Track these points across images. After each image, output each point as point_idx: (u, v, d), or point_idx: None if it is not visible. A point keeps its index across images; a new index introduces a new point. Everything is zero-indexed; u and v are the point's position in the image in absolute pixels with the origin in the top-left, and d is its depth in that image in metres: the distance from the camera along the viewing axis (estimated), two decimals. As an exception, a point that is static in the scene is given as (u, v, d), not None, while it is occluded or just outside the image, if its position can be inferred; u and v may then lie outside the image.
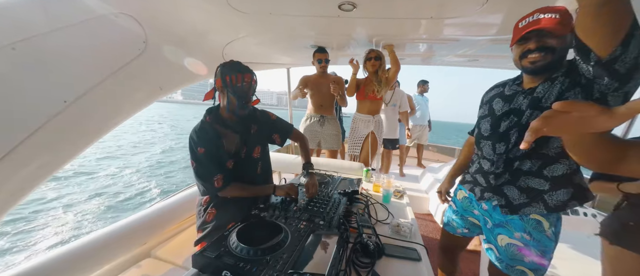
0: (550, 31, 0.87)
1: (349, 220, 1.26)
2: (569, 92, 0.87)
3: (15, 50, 0.85)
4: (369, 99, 2.60)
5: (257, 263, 0.81)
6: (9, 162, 0.89)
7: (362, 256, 0.99)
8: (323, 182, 1.71)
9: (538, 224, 1.01)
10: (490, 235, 1.15)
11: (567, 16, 0.86)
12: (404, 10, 1.37)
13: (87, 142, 1.20)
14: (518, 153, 1.01)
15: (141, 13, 1.22)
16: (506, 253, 1.07)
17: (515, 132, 1.01)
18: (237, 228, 0.99)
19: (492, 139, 1.09)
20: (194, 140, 1.19)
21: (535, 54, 0.91)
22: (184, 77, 1.73)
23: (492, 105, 1.14)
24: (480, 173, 1.17)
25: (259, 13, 1.39)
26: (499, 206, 1.08)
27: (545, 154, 0.97)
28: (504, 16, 1.39)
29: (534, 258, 1.02)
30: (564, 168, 0.96)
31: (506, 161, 1.05)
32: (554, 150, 0.95)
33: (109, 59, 1.18)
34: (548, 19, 0.86)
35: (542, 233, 1.01)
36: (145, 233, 1.54)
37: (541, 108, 0.94)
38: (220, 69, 1.21)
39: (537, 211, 1.00)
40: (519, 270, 1.05)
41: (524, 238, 1.03)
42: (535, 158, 0.99)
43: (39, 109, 0.96)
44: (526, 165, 1.01)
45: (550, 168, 0.97)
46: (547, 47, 0.89)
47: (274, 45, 2.15)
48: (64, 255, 1.18)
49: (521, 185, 1.03)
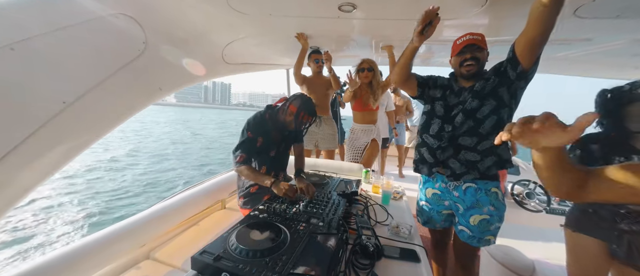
0: (479, 45, 1.25)
1: (348, 221, 1.26)
2: (499, 88, 1.24)
3: (14, 51, 0.85)
4: (367, 110, 2.61)
5: (256, 265, 0.80)
6: (9, 163, 0.89)
7: (361, 258, 0.99)
8: (322, 183, 1.71)
9: (497, 195, 1.31)
10: (463, 219, 1.36)
11: (484, 39, 1.27)
12: (404, 11, 1.38)
13: (86, 142, 1.20)
14: (460, 132, 1.30)
15: (141, 14, 1.21)
16: (478, 229, 1.31)
17: (460, 116, 1.30)
18: (236, 230, 0.98)
19: (443, 120, 1.36)
20: (250, 125, 1.52)
21: (470, 62, 1.26)
22: (184, 77, 1.73)
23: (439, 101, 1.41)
24: (427, 151, 1.42)
25: (258, 14, 1.39)
26: (446, 176, 1.36)
27: (480, 133, 1.27)
28: (504, 17, 1.39)
29: (496, 225, 1.31)
30: (490, 143, 1.25)
31: (451, 138, 1.33)
32: (485, 129, 1.26)
33: (108, 60, 1.17)
34: (477, 39, 1.25)
35: (500, 202, 1.31)
36: (144, 235, 1.54)
37: (480, 97, 1.26)
38: (301, 101, 1.50)
39: (473, 177, 1.30)
40: (487, 240, 1.33)
41: (490, 210, 1.29)
42: (473, 136, 1.28)
43: (38, 110, 0.95)
44: (466, 141, 1.30)
45: (482, 143, 1.27)
46: (476, 57, 1.26)
47: (274, 46, 2.16)
48: (62, 257, 1.18)
49: (461, 158, 1.31)
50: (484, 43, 1.27)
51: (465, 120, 1.28)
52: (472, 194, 1.32)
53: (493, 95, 1.24)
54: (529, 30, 1.05)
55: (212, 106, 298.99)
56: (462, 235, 1.37)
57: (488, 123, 1.25)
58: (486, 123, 1.26)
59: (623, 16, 1.24)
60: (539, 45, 1.07)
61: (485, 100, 1.25)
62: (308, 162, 2.33)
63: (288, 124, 1.52)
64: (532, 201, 2.50)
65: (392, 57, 2.29)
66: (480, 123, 1.26)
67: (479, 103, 1.26)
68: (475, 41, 1.25)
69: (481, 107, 1.26)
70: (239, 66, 2.27)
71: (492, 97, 1.24)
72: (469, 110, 1.27)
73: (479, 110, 1.26)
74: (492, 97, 1.24)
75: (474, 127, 1.27)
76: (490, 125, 1.25)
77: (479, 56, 1.26)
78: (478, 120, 1.26)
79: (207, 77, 2.00)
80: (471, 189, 1.32)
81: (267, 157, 1.59)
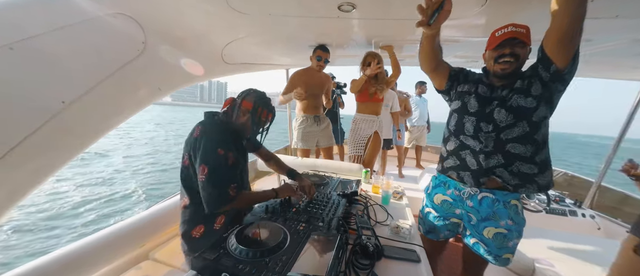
0: (523, 39, 1.05)
1: (348, 221, 1.26)
2: (545, 89, 1.05)
3: (13, 50, 0.85)
4: (373, 101, 2.59)
5: (256, 265, 0.80)
6: (8, 162, 0.88)
7: (361, 258, 0.99)
8: (322, 183, 1.71)
9: (516, 208, 1.15)
10: (475, 230, 1.22)
11: (529, 32, 1.06)
12: (404, 11, 1.37)
13: (85, 142, 1.20)
14: (510, 136, 1.10)
15: (140, 13, 1.21)
16: (494, 244, 1.17)
17: (503, 112, 1.10)
18: (236, 230, 0.98)
19: (478, 117, 1.16)
20: (213, 139, 1.10)
21: (508, 58, 1.07)
22: (183, 77, 1.73)
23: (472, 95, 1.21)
24: (471, 155, 1.18)
25: (258, 14, 1.39)
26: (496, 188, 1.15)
27: (536, 140, 1.07)
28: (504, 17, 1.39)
29: (515, 241, 1.16)
30: (544, 155, 1.09)
31: (496, 142, 1.12)
32: (541, 136, 1.07)
33: (108, 60, 1.17)
34: (520, 31, 1.05)
35: (519, 216, 1.16)
36: (143, 235, 1.54)
37: (530, 94, 1.06)
38: (256, 96, 1.23)
39: (529, 190, 1.12)
40: (505, 258, 1.17)
41: (508, 225, 1.14)
42: (528, 143, 1.07)
43: (38, 109, 0.95)
44: (518, 149, 1.08)
45: (540, 154, 1.08)
46: (516, 54, 1.06)
47: (274, 45, 2.15)
48: (62, 257, 1.17)
49: (514, 170, 1.10)
50: (527, 38, 1.06)
51: (515, 122, 1.07)
52: (488, 205, 1.15)
53: (544, 97, 1.05)
54: (556, 21, 0.93)
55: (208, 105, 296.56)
56: (476, 248, 1.22)
57: (543, 130, 1.07)
58: (541, 130, 1.06)
59: (622, 16, 1.24)
60: (571, 37, 0.92)
61: (540, 101, 1.04)
62: (308, 163, 2.33)
63: (245, 128, 1.22)
64: (532, 201, 2.50)
65: (393, 57, 2.29)
66: (536, 129, 1.06)
67: (533, 102, 1.04)
68: (518, 34, 1.04)
69: (536, 109, 1.04)
70: (238, 66, 2.27)
71: (543, 99, 1.04)
72: (516, 108, 1.07)
73: (534, 113, 1.05)
74: (544, 98, 1.05)
75: (529, 132, 1.06)
76: (544, 132, 1.07)
77: (520, 53, 1.07)
78: (533, 123, 1.05)
79: (206, 77, 2.00)
80: (488, 199, 1.15)
81: (235, 175, 1.19)
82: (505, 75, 1.11)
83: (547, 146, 1.10)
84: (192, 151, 1.12)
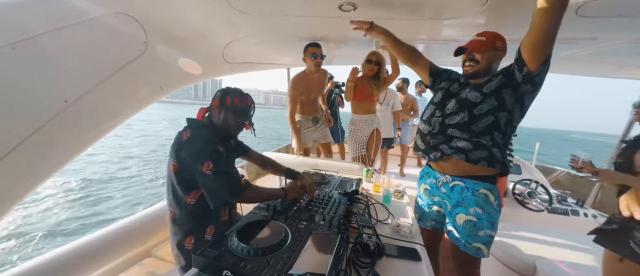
0: (474, 50, 1.23)
1: (349, 220, 1.26)
2: (504, 89, 1.16)
3: (15, 50, 0.86)
4: (368, 100, 2.61)
5: (257, 263, 0.81)
6: (10, 162, 0.89)
7: (362, 256, 0.99)
8: (323, 182, 1.71)
9: (486, 197, 1.21)
10: (451, 217, 1.30)
11: (492, 38, 1.21)
12: (404, 10, 1.37)
13: (87, 141, 1.21)
14: (452, 122, 1.25)
15: (141, 13, 1.22)
16: (464, 231, 1.24)
17: (453, 102, 1.27)
18: (238, 228, 0.99)
19: (436, 106, 1.34)
20: (210, 139, 1.10)
21: (469, 62, 1.25)
22: (185, 76, 1.73)
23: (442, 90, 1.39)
24: (420, 138, 1.40)
25: (259, 13, 1.39)
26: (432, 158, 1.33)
27: (472, 130, 1.20)
28: (505, 17, 1.39)
29: (486, 231, 1.21)
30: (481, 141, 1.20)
31: (441, 125, 1.28)
32: (478, 127, 1.19)
33: (109, 59, 1.18)
34: (475, 41, 1.24)
35: (490, 206, 1.21)
36: (146, 233, 1.55)
37: (480, 91, 1.20)
38: (222, 92, 1.21)
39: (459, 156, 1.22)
40: (475, 247, 1.22)
41: (477, 212, 1.21)
42: (464, 131, 1.21)
43: (39, 109, 0.96)
44: (455, 134, 1.23)
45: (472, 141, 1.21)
46: (475, 59, 1.23)
47: (274, 45, 2.16)
48: (66, 254, 1.18)
49: (452, 145, 1.25)
50: (487, 45, 1.21)
51: (458, 111, 1.23)
52: (458, 192, 1.26)
53: (495, 94, 1.16)
54: (532, 30, 1.00)
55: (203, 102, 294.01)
56: (450, 235, 1.30)
57: (483, 122, 1.18)
58: (482, 121, 1.18)
59: (624, 15, 1.24)
60: (544, 46, 1.00)
61: (486, 97, 1.17)
62: (309, 162, 2.33)
63: (227, 125, 1.21)
64: (534, 200, 2.50)
65: (394, 59, 2.31)
66: (475, 120, 1.19)
67: (478, 97, 1.18)
68: (471, 45, 1.23)
69: (480, 104, 1.18)
70: (239, 65, 2.27)
71: (493, 96, 1.16)
72: (463, 99, 1.22)
73: (476, 106, 1.19)
74: (494, 95, 1.16)
75: (467, 122, 1.20)
76: (485, 125, 1.18)
77: (479, 58, 1.22)
78: (473, 116, 1.19)
79: (208, 76, 2.01)
80: (458, 187, 1.26)
81: None
82: (470, 76, 1.27)
83: (488, 136, 1.18)
84: (183, 154, 1.10)
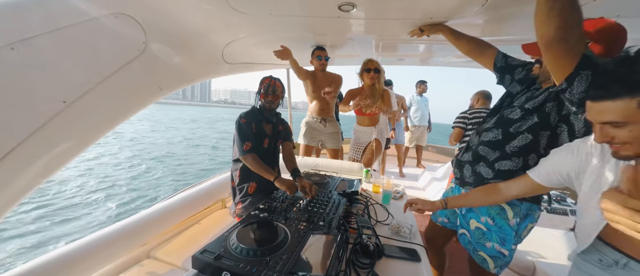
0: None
1: (348, 220, 1.26)
2: (548, 102, 0.98)
3: (14, 50, 0.85)
4: (367, 115, 2.65)
5: (257, 264, 0.80)
6: (9, 163, 0.89)
7: (361, 257, 0.99)
8: (323, 182, 1.71)
9: (501, 210, 1.10)
10: (464, 220, 1.25)
11: None
12: (404, 10, 1.37)
13: (86, 142, 1.20)
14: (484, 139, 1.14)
15: (141, 13, 1.21)
16: (474, 236, 1.19)
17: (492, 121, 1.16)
18: (237, 229, 0.99)
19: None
20: (240, 115, 1.59)
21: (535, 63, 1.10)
22: (184, 77, 1.73)
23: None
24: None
25: (259, 14, 1.39)
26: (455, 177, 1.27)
27: (505, 151, 1.07)
28: (505, 17, 1.39)
29: (494, 245, 1.12)
30: (511, 164, 1.06)
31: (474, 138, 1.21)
32: (511, 148, 1.05)
33: (108, 59, 1.17)
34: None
35: (505, 221, 1.10)
36: (145, 234, 1.54)
37: (522, 108, 1.04)
38: (262, 79, 1.63)
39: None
40: (481, 256, 1.17)
41: (488, 223, 1.14)
42: (496, 149, 1.10)
43: (39, 109, 0.95)
44: (484, 152, 1.13)
45: (501, 163, 1.09)
46: (540, 60, 1.05)
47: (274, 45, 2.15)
48: (64, 255, 1.18)
49: (475, 169, 1.16)
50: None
51: (492, 128, 1.11)
52: None
53: (538, 111, 0.99)
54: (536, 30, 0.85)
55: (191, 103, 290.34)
56: (462, 239, 1.27)
57: (517, 142, 1.03)
58: (516, 141, 1.03)
59: (623, 16, 1.24)
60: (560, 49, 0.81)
61: (527, 114, 1.01)
62: (309, 162, 2.33)
63: (270, 104, 1.61)
64: None
65: (388, 97, 2.43)
66: (510, 139, 1.05)
67: (519, 114, 1.03)
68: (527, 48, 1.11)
69: (519, 121, 1.02)
70: (239, 66, 2.27)
71: (536, 112, 0.99)
72: (506, 119, 1.08)
73: (513, 124, 1.04)
74: (537, 112, 0.99)
75: (501, 140, 1.07)
76: (520, 145, 1.03)
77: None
78: (509, 134, 1.05)
79: (207, 77, 2.00)
80: None
81: (261, 148, 1.61)
82: (533, 79, 1.10)
83: (521, 158, 1.04)
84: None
